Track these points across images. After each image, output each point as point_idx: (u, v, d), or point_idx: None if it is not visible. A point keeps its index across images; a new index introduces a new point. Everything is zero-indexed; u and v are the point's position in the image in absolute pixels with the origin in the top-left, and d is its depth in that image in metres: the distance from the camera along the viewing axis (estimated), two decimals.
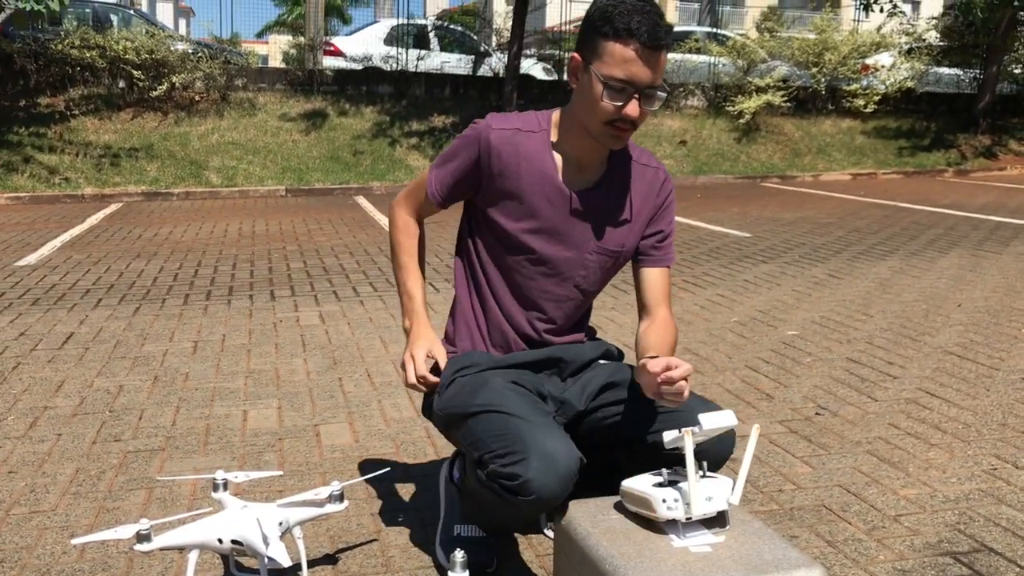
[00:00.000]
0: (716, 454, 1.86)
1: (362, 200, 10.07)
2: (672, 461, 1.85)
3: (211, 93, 12.23)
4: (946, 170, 13.67)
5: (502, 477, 1.70)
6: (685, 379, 1.68)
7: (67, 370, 3.59)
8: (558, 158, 1.94)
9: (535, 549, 2.14)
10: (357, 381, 3.46)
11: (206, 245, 6.80)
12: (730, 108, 13.91)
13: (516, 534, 2.21)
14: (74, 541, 1.73)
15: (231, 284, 5.34)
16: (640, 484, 1.68)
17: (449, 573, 1.66)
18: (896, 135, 14.71)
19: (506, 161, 1.92)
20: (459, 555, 1.66)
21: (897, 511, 2.34)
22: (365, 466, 2.65)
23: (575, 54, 1.85)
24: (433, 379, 1.97)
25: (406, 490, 2.48)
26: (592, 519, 1.72)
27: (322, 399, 3.25)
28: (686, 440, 1.60)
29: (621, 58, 1.76)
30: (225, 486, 1.98)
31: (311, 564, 2.08)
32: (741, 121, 13.78)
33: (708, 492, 1.63)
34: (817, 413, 3.10)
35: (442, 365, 2.00)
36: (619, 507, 1.75)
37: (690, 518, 1.61)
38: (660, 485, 1.67)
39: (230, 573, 2.03)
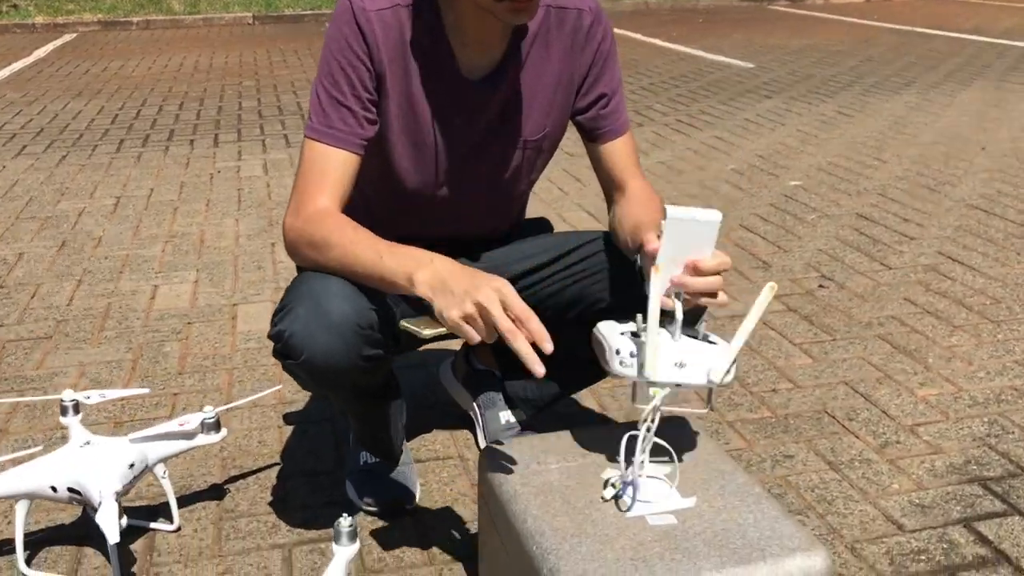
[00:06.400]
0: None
1: None
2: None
3: None
4: None
5: (272, 341, 1.37)
6: (719, 273, 1.20)
7: None
8: (451, 38, 1.41)
9: (471, 476, 1.75)
10: None
11: (156, 81, 6.20)
12: None
13: (449, 460, 1.82)
14: None
15: (173, 127, 4.80)
16: (607, 329, 1.25)
17: (333, 545, 1.26)
18: None
19: (391, 54, 1.39)
20: (345, 523, 1.26)
21: (914, 419, 1.94)
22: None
23: None
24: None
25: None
26: (523, 471, 1.30)
27: (248, 270, 2.81)
28: (652, 275, 1.16)
29: None
30: (76, 409, 1.56)
31: (192, 497, 1.69)
32: None
33: (682, 355, 1.19)
34: (820, 285, 2.67)
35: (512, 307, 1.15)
36: (562, 452, 1.34)
37: (647, 380, 1.18)
38: (633, 335, 1.23)
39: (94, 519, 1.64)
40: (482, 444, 1.81)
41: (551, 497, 1.24)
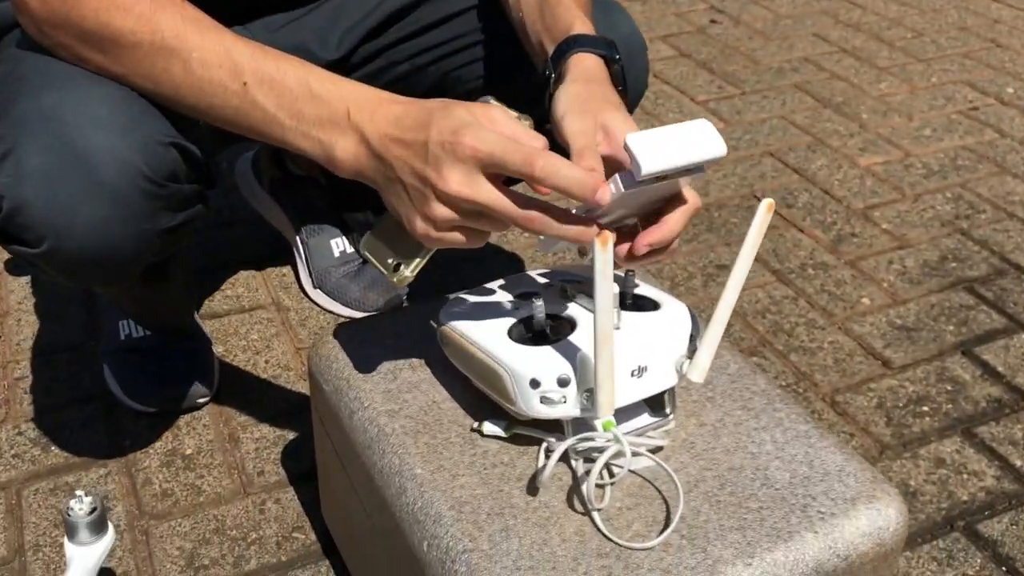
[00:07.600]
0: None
1: None
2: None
3: None
4: None
5: None
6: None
7: None
8: None
9: (294, 336, 1.21)
10: None
11: None
12: None
13: (259, 312, 1.27)
14: None
15: None
16: (477, 325, 0.71)
17: (66, 544, 0.73)
18: None
19: None
20: (80, 507, 0.72)
21: (865, 199, 1.52)
22: None
23: None
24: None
25: None
26: (391, 386, 0.78)
27: None
28: (596, 251, 0.62)
29: None
30: None
31: None
32: None
33: (637, 355, 0.69)
34: (712, 20, 2.15)
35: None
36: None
37: (592, 418, 0.69)
38: (527, 332, 0.71)
39: None
40: (307, 284, 1.26)
41: (442, 438, 0.73)
